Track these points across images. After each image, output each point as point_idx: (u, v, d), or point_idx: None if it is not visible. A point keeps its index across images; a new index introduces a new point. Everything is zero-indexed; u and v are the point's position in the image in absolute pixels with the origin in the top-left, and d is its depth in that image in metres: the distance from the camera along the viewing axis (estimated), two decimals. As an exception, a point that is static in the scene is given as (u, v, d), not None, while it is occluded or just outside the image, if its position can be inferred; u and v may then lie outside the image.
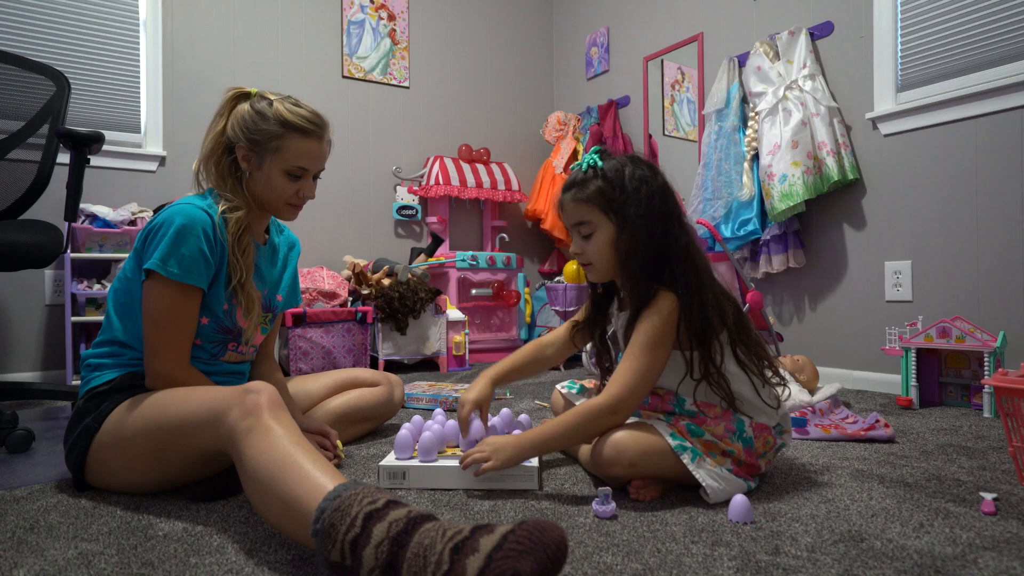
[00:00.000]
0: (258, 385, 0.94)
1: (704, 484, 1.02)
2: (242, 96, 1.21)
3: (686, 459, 1.03)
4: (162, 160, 2.71)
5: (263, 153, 1.18)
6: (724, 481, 1.04)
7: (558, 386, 1.41)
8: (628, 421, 1.12)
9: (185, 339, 1.13)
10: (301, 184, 1.21)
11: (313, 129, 1.19)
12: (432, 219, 3.35)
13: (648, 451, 1.04)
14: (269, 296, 1.31)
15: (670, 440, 1.04)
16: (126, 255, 2.36)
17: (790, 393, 1.75)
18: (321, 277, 2.74)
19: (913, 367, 1.87)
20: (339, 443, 1.30)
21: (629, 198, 1.06)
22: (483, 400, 1.24)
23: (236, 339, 1.23)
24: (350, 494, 0.73)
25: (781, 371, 1.15)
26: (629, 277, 1.09)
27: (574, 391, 1.37)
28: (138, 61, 2.68)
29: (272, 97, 1.19)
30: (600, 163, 1.10)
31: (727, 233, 2.49)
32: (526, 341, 3.37)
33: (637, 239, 1.06)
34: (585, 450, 1.21)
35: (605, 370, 1.24)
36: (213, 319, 1.17)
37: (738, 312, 1.10)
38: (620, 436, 1.06)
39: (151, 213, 2.51)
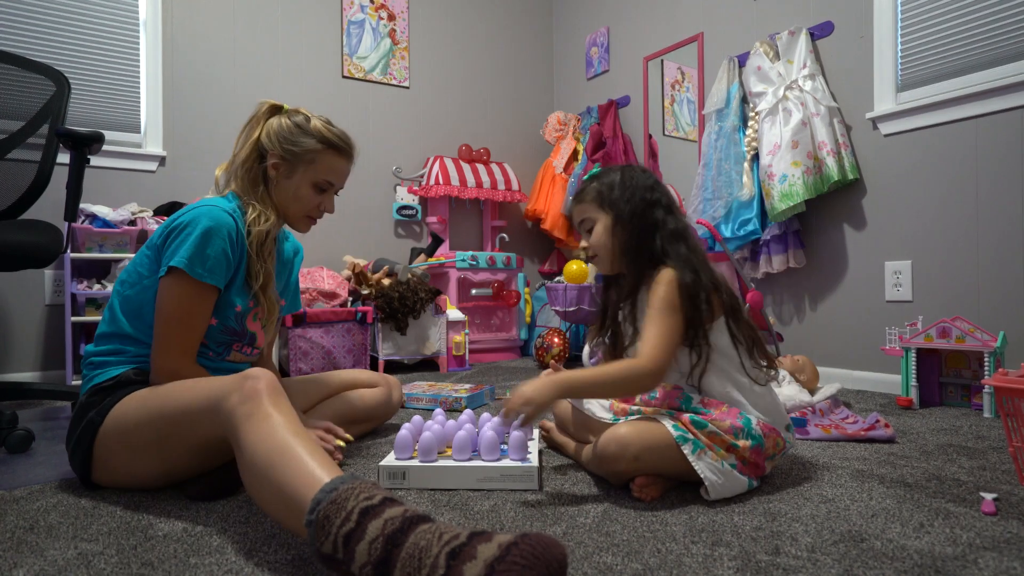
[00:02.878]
0: (257, 371, 0.95)
1: (703, 477, 1.02)
2: (275, 109, 1.29)
3: (687, 450, 1.04)
4: (162, 160, 2.71)
5: (296, 164, 1.25)
6: (725, 476, 1.04)
7: None
8: (632, 418, 1.13)
9: (196, 337, 1.16)
10: (324, 198, 1.30)
11: (346, 149, 1.30)
12: (432, 219, 3.34)
13: (652, 445, 1.05)
14: None
15: (672, 430, 1.05)
16: (126, 255, 2.38)
17: (783, 376, 1.77)
18: (321, 277, 2.74)
19: (913, 367, 1.87)
20: (340, 443, 1.28)
21: (623, 193, 1.19)
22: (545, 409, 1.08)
23: (241, 341, 1.26)
24: (347, 488, 0.73)
25: (774, 361, 1.20)
26: (629, 260, 1.18)
27: None
28: (138, 61, 2.67)
29: (307, 113, 1.27)
30: (598, 171, 1.27)
31: (727, 233, 2.49)
32: (526, 341, 3.38)
33: (631, 225, 1.17)
34: (587, 450, 1.21)
35: (622, 354, 1.27)
36: (221, 321, 1.20)
37: (731, 292, 1.16)
38: (624, 431, 1.07)
39: (151, 213, 2.51)
